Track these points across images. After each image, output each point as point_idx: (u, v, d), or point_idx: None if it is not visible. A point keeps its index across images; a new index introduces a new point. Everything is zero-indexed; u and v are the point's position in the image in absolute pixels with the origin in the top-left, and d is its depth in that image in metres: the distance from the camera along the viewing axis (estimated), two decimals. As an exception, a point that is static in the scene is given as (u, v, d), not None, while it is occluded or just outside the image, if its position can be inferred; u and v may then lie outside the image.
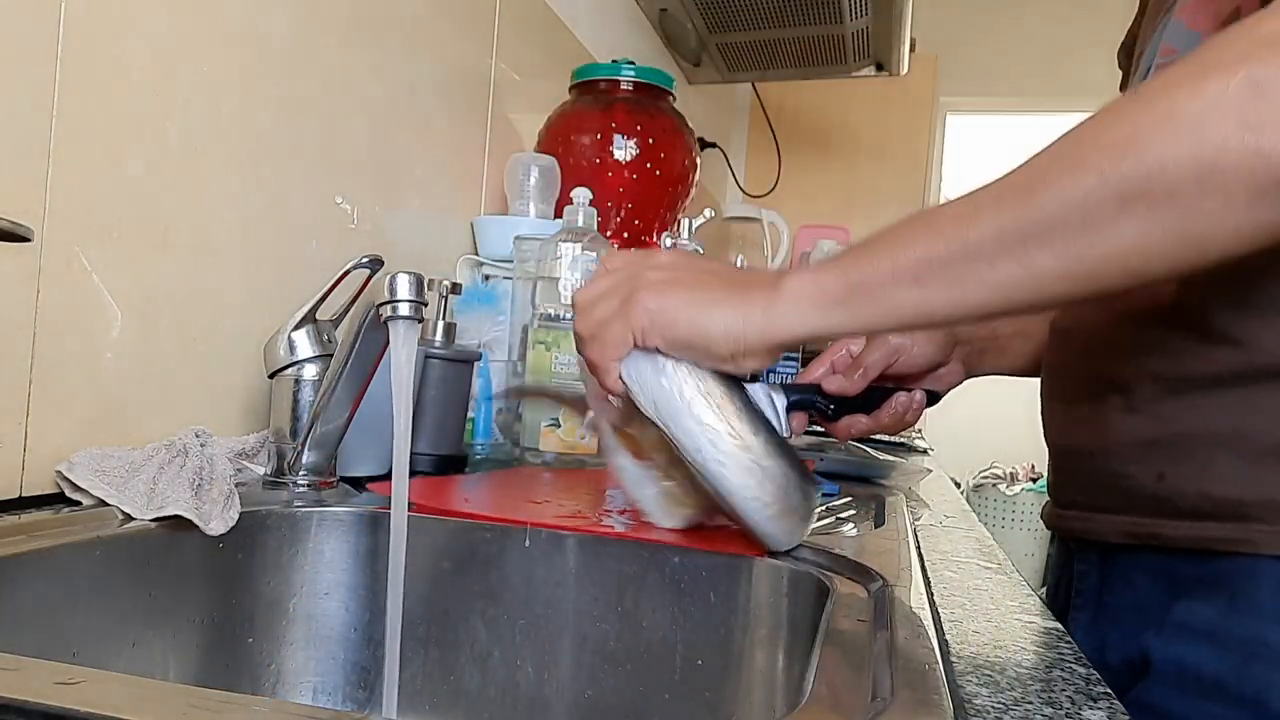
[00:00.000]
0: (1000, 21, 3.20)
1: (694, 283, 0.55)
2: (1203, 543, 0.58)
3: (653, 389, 0.56)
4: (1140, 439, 0.62)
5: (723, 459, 0.56)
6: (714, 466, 0.56)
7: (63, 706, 0.29)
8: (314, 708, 0.60)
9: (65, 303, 0.60)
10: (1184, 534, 0.59)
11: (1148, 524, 0.61)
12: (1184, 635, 0.58)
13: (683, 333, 0.53)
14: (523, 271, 0.99)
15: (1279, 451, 0.55)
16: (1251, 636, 0.55)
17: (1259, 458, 0.56)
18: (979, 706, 0.35)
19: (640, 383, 0.56)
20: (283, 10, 0.78)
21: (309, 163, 0.83)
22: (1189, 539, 0.59)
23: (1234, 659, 0.56)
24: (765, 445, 0.57)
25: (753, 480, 0.56)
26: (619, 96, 1.26)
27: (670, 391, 0.56)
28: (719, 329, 0.53)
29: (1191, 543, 0.59)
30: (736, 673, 0.60)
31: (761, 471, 0.56)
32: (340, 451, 0.71)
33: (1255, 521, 0.56)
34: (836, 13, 1.73)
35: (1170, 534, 0.60)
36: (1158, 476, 0.60)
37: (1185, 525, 0.59)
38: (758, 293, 0.52)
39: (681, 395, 0.56)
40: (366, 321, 0.62)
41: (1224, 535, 0.57)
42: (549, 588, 0.64)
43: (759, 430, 0.57)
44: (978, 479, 3.95)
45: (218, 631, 0.61)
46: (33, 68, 0.57)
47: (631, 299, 0.55)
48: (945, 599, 0.52)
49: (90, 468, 0.58)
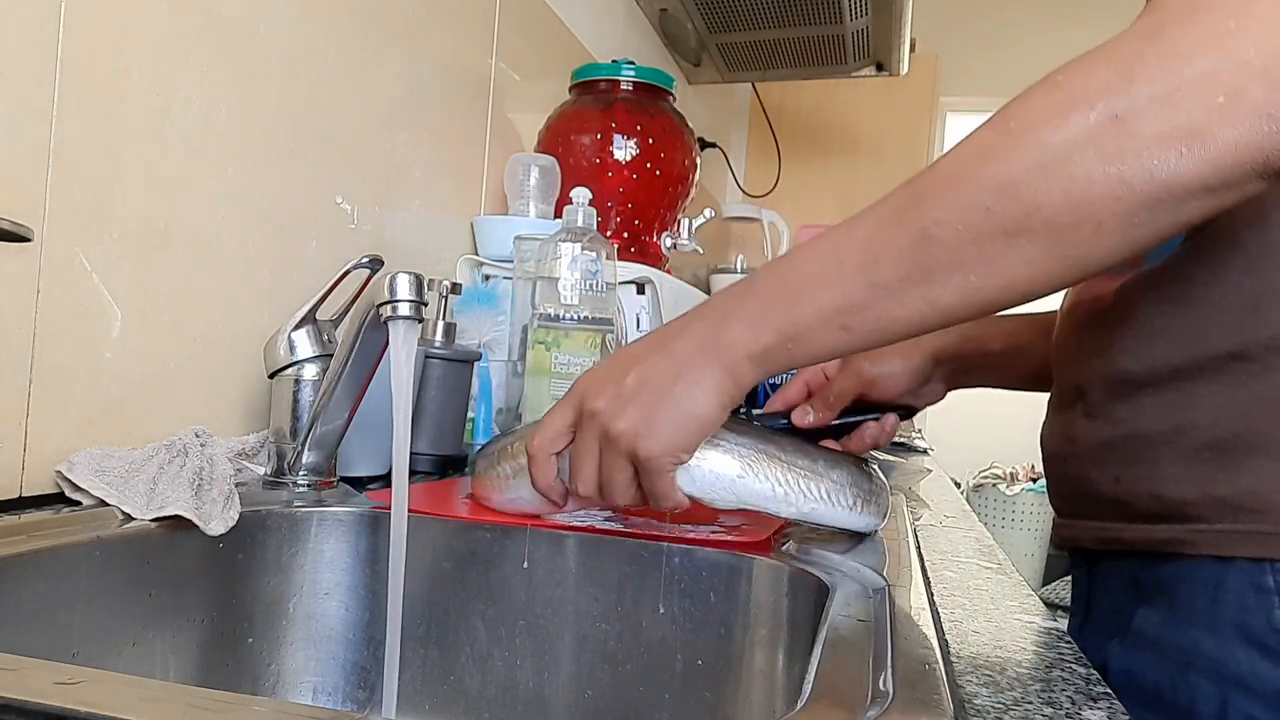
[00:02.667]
0: (1000, 22, 3.20)
1: (645, 396, 0.54)
2: (1154, 545, 0.58)
3: (723, 493, 0.58)
4: (1097, 443, 0.62)
5: (813, 504, 0.61)
6: (810, 514, 0.61)
7: (63, 706, 0.29)
8: (314, 708, 0.60)
9: (65, 303, 0.60)
10: (1140, 537, 0.59)
11: (1113, 528, 0.61)
12: (1137, 644, 0.58)
13: (678, 435, 0.54)
14: (523, 271, 0.99)
15: (1216, 446, 0.55)
16: (1187, 644, 0.55)
17: (1197, 453, 0.55)
18: (979, 706, 0.35)
19: (707, 493, 0.58)
20: (283, 10, 0.78)
21: (309, 163, 0.83)
22: (1144, 542, 0.59)
23: (1171, 667, 0.55)
24: (822, 461, 0.62)
25: (840, 501, 0.62)
26: (619, 96, 1.26)
27: (737, 486, 0.59)
28: (703, 409, 0.54)
29: (1147, 545, 0.58)
30: (736, 673, 0.60)
31: (835, 487, 0.62)
32: (340, 452, 0.71)
33: (1195, 521, 0.55)
34: (836, 13, 1.73)
35: (1129, 537, 0.60)
36: (1115, 479, 0.60)
37: (1142, 528, 0.59)
38: (705, 367, 0.53)
39: (745, 481, 0.59)
40: (366, 321, 0.62)
41: (1170, 537, 0.57)
42: (549, 588, 0.64)
43: (808, 453, 0.62)
44: (978, 479, 3.95)
45: (218, 631, 0.61)
46: (33, 68, 0.57)
47: (612, 446, 0.55)
48: (945, 599, 0.52)
49: (90, 468, 0.58)
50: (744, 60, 2.02)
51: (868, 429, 0.73)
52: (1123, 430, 0.60)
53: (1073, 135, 0.43)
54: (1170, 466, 0.57)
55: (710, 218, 1.37)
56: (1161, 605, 0.57)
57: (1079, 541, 0.66)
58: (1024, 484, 3.92)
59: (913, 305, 0.48)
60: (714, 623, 0.61)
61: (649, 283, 1.13)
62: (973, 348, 0.79)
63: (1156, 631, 0.57)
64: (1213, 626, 0.54)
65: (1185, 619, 0.55)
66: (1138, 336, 0.59)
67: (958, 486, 1.35)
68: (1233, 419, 0.54)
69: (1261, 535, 0.53)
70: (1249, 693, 0.52)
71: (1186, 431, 0.56)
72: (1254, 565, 0.53)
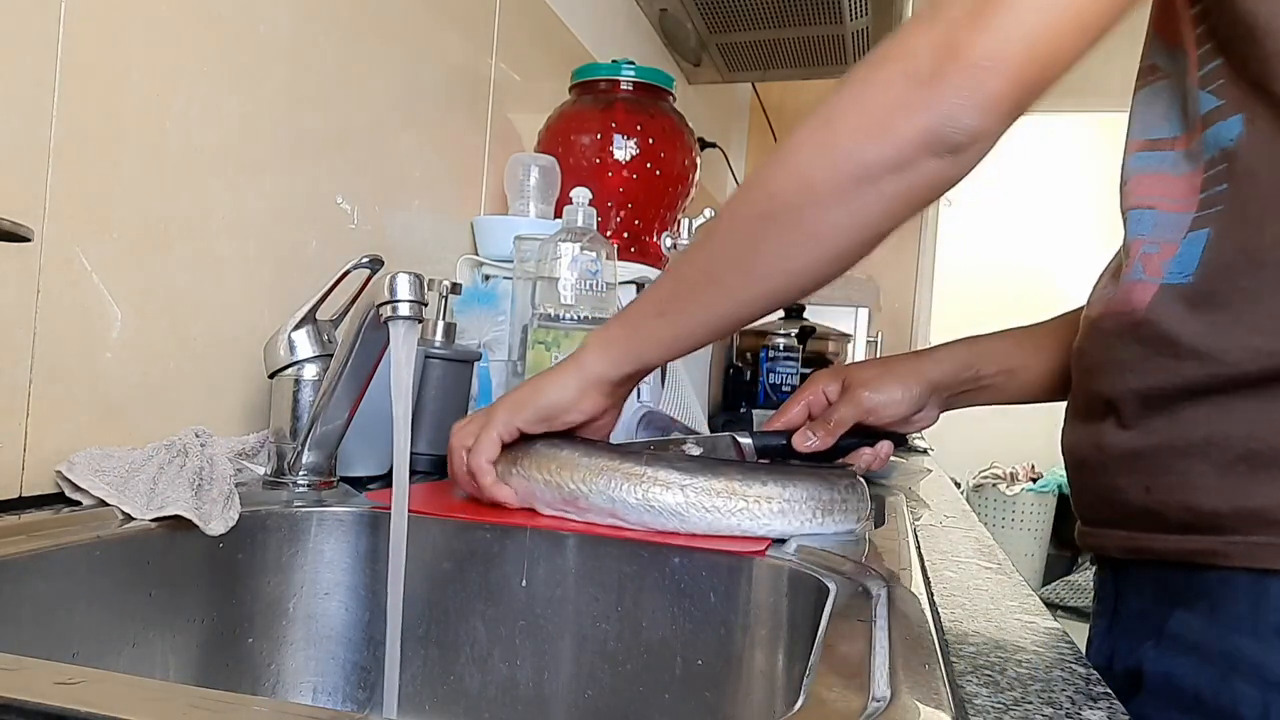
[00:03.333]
0: (1000, 21, 3.20)
1: (519, 393, 0.70)
2: (1187, 556, 0.58)
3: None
4: (1128, 452, 0.62)
5: (769, 524, 0.64)
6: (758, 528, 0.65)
7: (63, 706, 0.29)
8: (314, 708, 0.60)
9: (65, 303, 0.60)
10: (1172, 547, 0.59)
11: (1143, 538, 0.62)
12: (1175, 647, 0.58)
13: (529, 404, 0.68)
14: (523, 271, 0.99)
15: (1249, 459, 0.55)
16: (1230, 649, 0.55)
17: (1230, 466, 0.56)
18: (979, 706, 0.35)
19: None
20: (283, 10, 0.78)
21: (309, 163, 0.83)
22: (1177, 552, 0.59)
23: (1213, 672, 0.55)
24: (773, 483, 0.65)
25: (789, 517, 0.65)
26: (619, 96, 1.26)
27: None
28: (555, 388, 0.68)
29: (1179, 556, 0.59)
30: (736, 673, 0.60)
31: (789, 506, 0.65)
32: (340, 452, 0.71)
33: (1229, 533, 0.56)
34: (836, 13, 1.73)
35: (1160, 548, 0.60)
36: (1145, 490, 0.61)
37: (1174, 539, 0.59)
38: (564, 370, 0.69)
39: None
40: (366, 321, 0.62)
41: (1203, 548, 0.57)
42: (549, 588, 0.64)
43: (756, 475, 0.66)
44: (978, 479, 3.96)
45: (218, 631, 0.61)
46: (33, 68, 0.57)
47: (489, 414, 0.70)
48: (945, 599, 0.52)
49: (90, 468, 0.58)
50: (744, 60, 2.02)
51: (863, 454, 0.79)
52: (1154, 441, 0.60)
53: (799, 138, 0.58)
54: (1202, 478, 0.57)
55: (710, 218, 1.37)
56: (1201, 610, 0.57)
57: (1105, 550, 0.67)
58: (1024, 484, 3.92)
59: (707, 298, 0.63)
60: (714, 623, 0.61)
61: (649, 283, 1.14)
62: (967, 375, 0.82)
63: (1196, 636, 0.57)
64: (1255, 631, 0.54)
65: (1227, 624, 0.55)
66: (1173, 351, 0.59)
67: (958, 486, 1.35)
68: (1267, 433, 0.55)
69: None
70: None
71: (1219, 444, 0.56)
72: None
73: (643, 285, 1.14)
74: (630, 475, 0.64)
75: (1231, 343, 0.56)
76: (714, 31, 1.88)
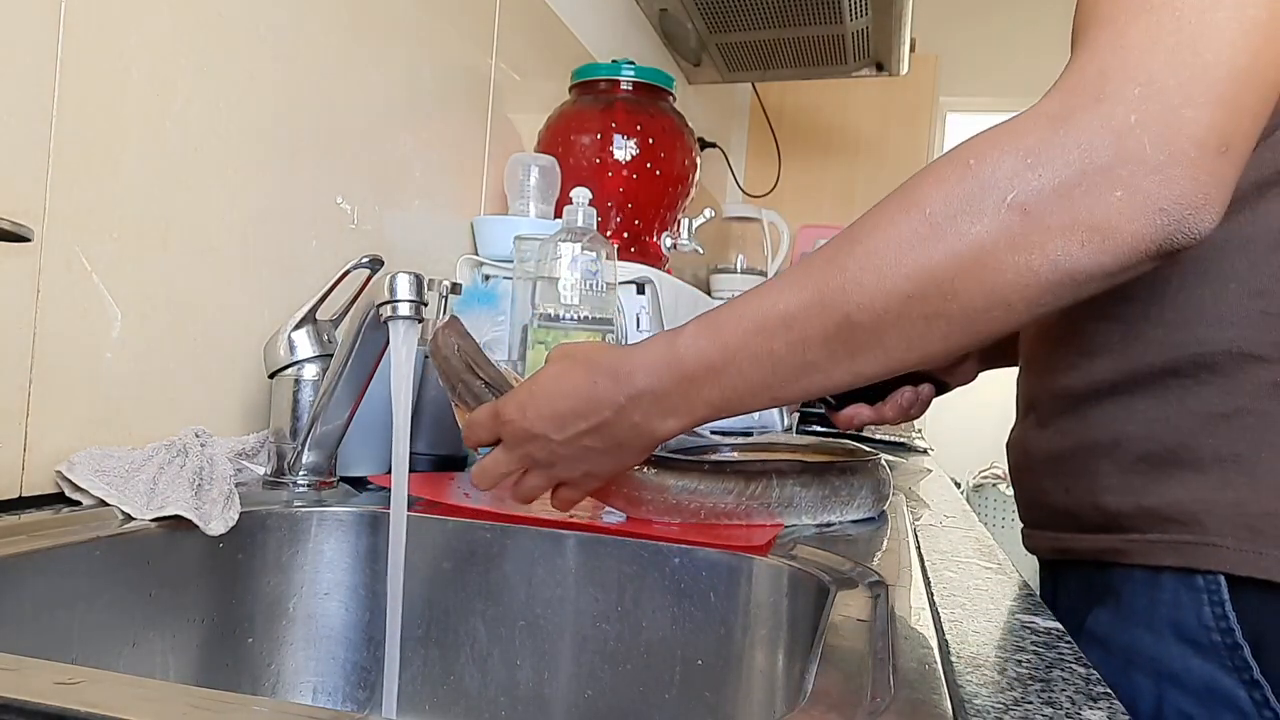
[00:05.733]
0: (1000, 21, 3.20)
1: (586, 463, 0.59)
2: (1099, 555, 0.60)
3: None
4: (1048, 454, 0.64)
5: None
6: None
7: (63, 706, 0.29)
8: (314, 708, 0.60)
9: (65, 303, 0.60)
10: (1087, 546, 0.61)
11: (1066, 539, 0.63)
12: (1089, 643, 0.59)
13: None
14: (522, 271, 0.99)
15: (1150, 459, 0.56)
16: (1129, 643, 0.56)
17: (1132, 466, 0.57)
18: (979, 706, 0.35)
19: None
20: (283, 10, 0.78)
21: (309, 163, 0.83)
22: (1091, 551, 0.61)
23: (1115, 665, 0.57)
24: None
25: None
26: (619, 96, 1.26)
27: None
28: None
29: (1093, 555, 0.60)
30: (736, 673, 0.60)
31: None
32: (340, 451, 0.71)
33: (1130, 531, 0.57)
34: (836, 13, 1.73)
35: (1080, 548, 0.62)
36: (1065, 491, 0.62)
37: (1088, 539, 0.61)
38: (637, 451, 0.59)
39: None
40: (366, 321, 0.62)
41: (1110, 546, 0.59)
42: (549, 588, 0.64)
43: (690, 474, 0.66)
44: (978, 479, 3.96)
45: (218, 631, 0.61)
46: (33, 68, 0.57)
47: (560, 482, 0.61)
48: (945, 599, 0.52)
49: (90, 468, 0.58)
50: (744, 60, 2.02)
51: (903, 393, 0.75)
52: (1069, 443, 0.62)
53: (985, 227, 0.45)
54: (1108, 479, 0.58)
55: (710, 218, 1.37)
56: (1110, 606, 0.59)
57: (1039, 551, 0.69)
58: (1024, 484, 3.90)
59: (837, 376, 0.51)
60: (714, 623, 0.61)
61: (649, 283, 1.14)
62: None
63: (1104, 631, 0.59)
64: (1151, 625, 0.56)
65: (1128, 619, 0.57)
66: (1080, 351, 0.61)
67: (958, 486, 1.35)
68: (1165, 433, 0.56)
69: (1186, 545, 0.54)
70: (1182, 688, 0.54)
71: (1123, 444, 0.58)
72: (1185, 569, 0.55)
73: (643, 286, 1.13)
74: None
75: (1136, 335, 0.57)
76: (714, 31, 1.88)
